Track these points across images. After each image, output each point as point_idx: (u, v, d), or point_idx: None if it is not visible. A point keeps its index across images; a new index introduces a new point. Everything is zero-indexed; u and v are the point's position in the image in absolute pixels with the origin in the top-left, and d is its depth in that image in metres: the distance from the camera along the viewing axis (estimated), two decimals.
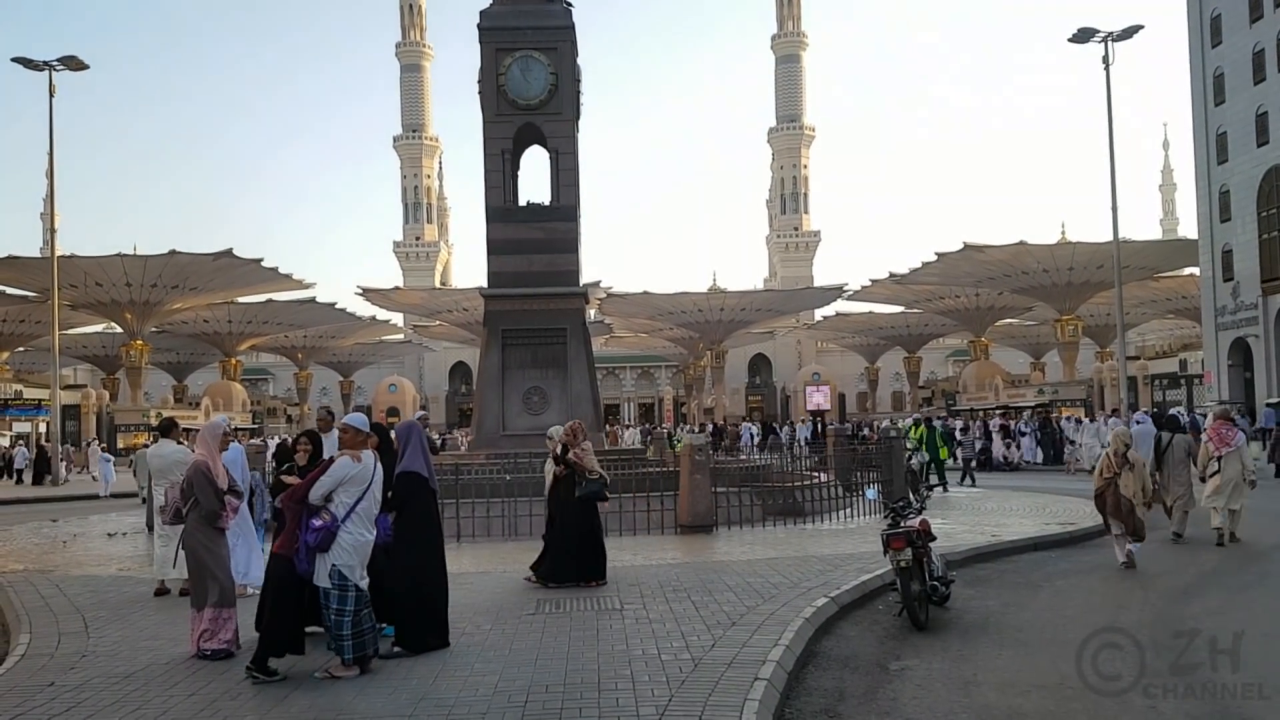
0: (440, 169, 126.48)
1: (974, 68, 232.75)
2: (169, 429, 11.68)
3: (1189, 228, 69.89)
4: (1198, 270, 50.92)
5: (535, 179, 20.96)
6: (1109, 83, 36.76)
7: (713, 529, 15.07)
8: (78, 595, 11.10)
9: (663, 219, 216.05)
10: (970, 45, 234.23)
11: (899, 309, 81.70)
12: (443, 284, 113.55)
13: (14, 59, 35.33)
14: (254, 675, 7.23)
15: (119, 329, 66.57)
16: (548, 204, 19.87)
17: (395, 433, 8.33)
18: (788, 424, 53.65)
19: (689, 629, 8.50)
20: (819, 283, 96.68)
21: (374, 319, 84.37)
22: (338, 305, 75.02)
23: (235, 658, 7.88)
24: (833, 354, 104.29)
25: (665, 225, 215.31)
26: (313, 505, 7.25)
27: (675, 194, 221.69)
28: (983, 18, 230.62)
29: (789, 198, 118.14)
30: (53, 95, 36.27)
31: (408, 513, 8.03)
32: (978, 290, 69.74)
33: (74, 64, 35.69)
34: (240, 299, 69.58)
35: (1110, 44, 36.06)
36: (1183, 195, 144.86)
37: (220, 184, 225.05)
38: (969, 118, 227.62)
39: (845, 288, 77.27)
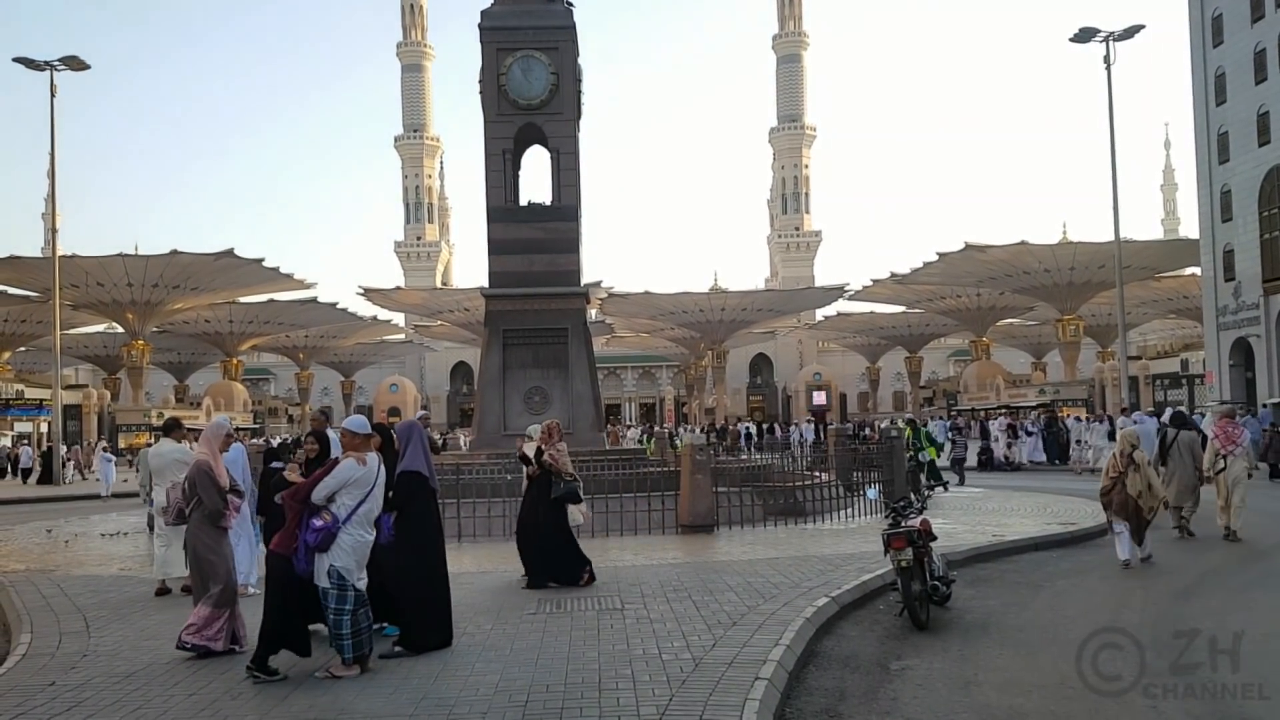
0: (441, 169, 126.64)
1: (975, 67, 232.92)
2: (172, 428, 11.66)
3: (1190, 227, 70.02)
4: (1199, 270, 50.90)
5: (536, 179, 21.05)
6: (1110, 82, 36.80)
7: (714, 529, 15.07)
8: (79, 595, 11.11)
9: (664, 219, 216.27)
10: (971, 45, 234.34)
11: (900, 309, 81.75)
12: (444, 284, 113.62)
13: (15, 59, 35.35)
14: (254, 675, 7.24)
15: (120, 329, 66.67)
16: (549, 204, 19.88)
17: (396, 432, 8.33)
18: (795, 424, 53.66)
19: (690, 629, 8.50)
20: (820, 283, 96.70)
21: (375, 319, 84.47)
22: (339, 305, 75.13)
23: (236, 656, 7.89)
24: (834, 354, 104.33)
25: (666, 225, 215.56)
26: (314, 505, 7.25)
27: (676, 194, 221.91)
28: (984, 18, 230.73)
29: (790, 197, 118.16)
30: (54, 95, 36.31)
31: (409, 513, 8.03)
32: (979, 290, 69.78)
33: (75, 64, 35.71)
34: (241, 299, 69.65)
35: (1111, 44, 36.06)
36: (1184, 195, 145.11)
37: (221, 184, 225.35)
38: (970, 117, 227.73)
39: (846, 288, 77.35)
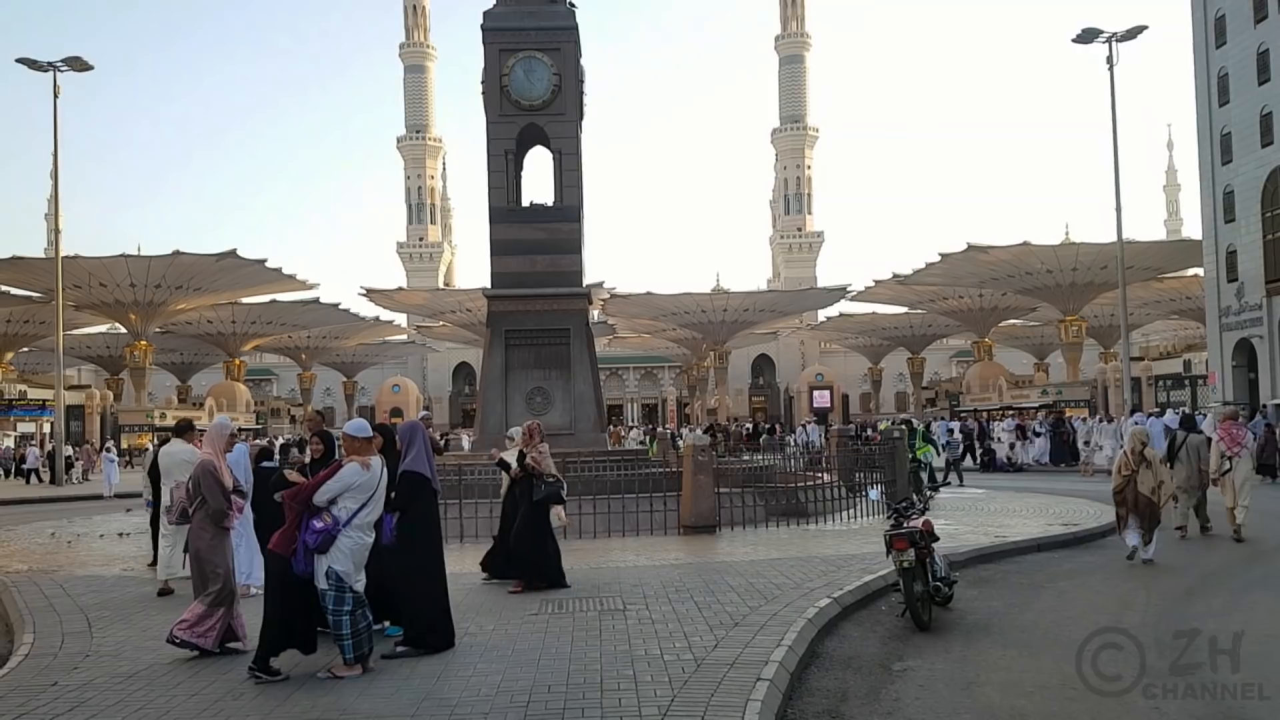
0: (444, 170, 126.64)
1: (978, 68, 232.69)
2: (184, 430, 11.69)
3: (1193, 228, 70.06)
4: (1202, 271, 50.83)
5: (539, 180, 20.97)
6: (1113, 83, 36.73)
7: (716, 530, 15.07)
8: (81, 595, 11.13)
9: (666, 220, 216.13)
10: (974, 45, 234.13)
11: (902, 310, 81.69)
12: (446, 285, 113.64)
13: (18, 60, 35.37)
14: (256, 675, 7.25)
15: (123, 329, 66.71)
16: (551, 205, 19.88)
17: (398, 433, 8.33)
18: (802, 425, 53.56)
19: (691, 629, 8.50)
20: (822, 283, 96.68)
21: (377, 320, 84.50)
22: (341, 306, 75.14)
23: (238, 656, 7.90)
24: (836, 355, 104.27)
25: (668, 226, 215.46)
26: (315, 506, 7.26)
27: (678, 194, 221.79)
28: (986, 18, 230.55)
29: (792, 198, 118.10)
30: (57, 96, 36.34)
31: (412, 513, 8.03)
32: (981, 291, 69.71)
33: (78, 65, 35.74)
34: (244, 299, 69.68)
35: (1114, 44, 36.02)
36: (1187, 196, 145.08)
37: (224, 185, 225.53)
38: (973, 118, 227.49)
39: (848, 288, 77.30)
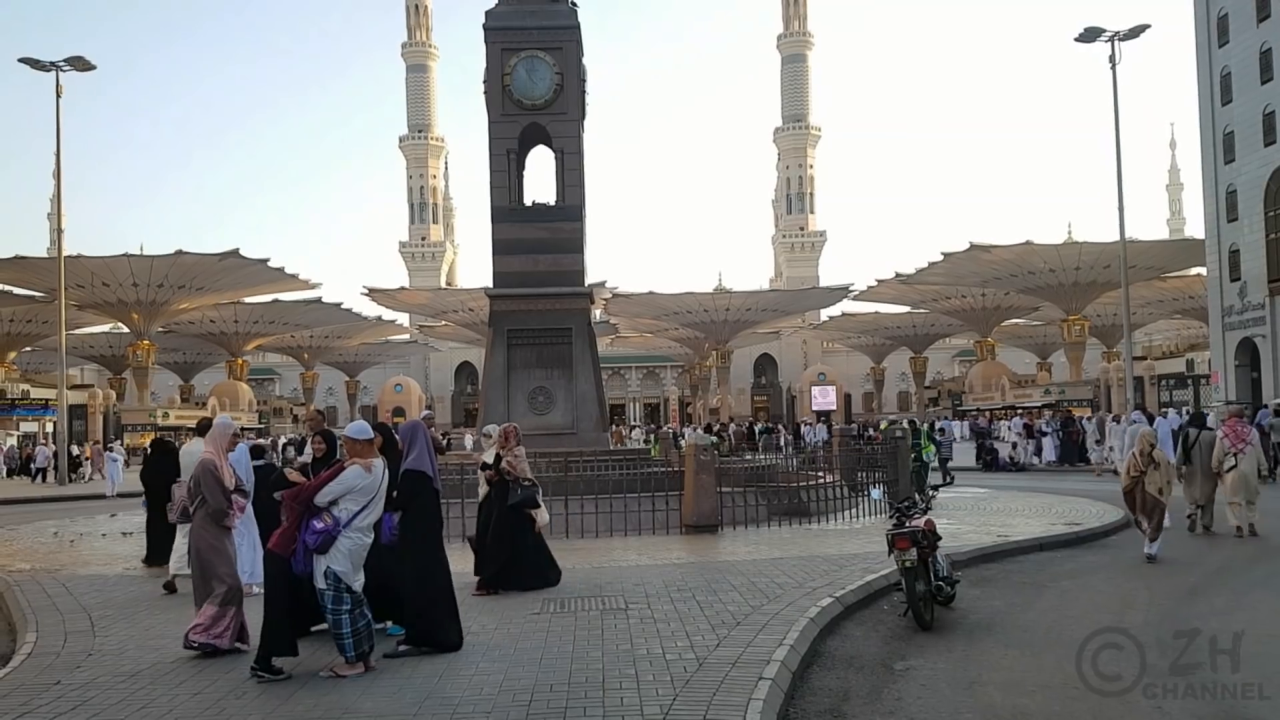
0: (446, 169, 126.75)
1: (980, 67, 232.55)
2: (205, 429, 11.73)
3: (1196, 227, 69.93)
4: (1204, 270, 50.83)
5: (541, 179, 20.98)
6: (1115, 82, 36.66)
7: (718, 529, 15.06)
8: (84, 594, 11.14)
9: (668, 219, 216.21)
10: (976, 44, 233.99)
11: (905, 309, 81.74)
12: (448, 284, 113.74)
13: (21, 59, 35.36)
14: (258, 674, 7.25)
15: (126, 329, 66.83)
16: (553, 204, 19.88)
17: (400, 433, 8.34)
18: (809, 425, 53.58)
19: (694, 628, 8.50)
20: (824, 283, 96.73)
21: (380, 319, 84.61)
22: (343, 305, 75.29)
23: (240, 655, 7.90)
24: (838, 354, 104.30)
25: (670, 225, 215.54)
26: (315, 507, 7.26)
27: (681, 194, 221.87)
28: (989, 17, 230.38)
29: (794, 197, 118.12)
30: (59, 96, 36.36)
31: (414, 512, 8.03)
32: (984, 290, 69.75)
33: (81, 65, 35.74)
34: (246, 299, 69.80)
35: (1117, 43, 35.94)
36: (1190, 195, 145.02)
37: (226, 184, 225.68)
38: (975, 117, 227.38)
39: (851, 288, 77.37)
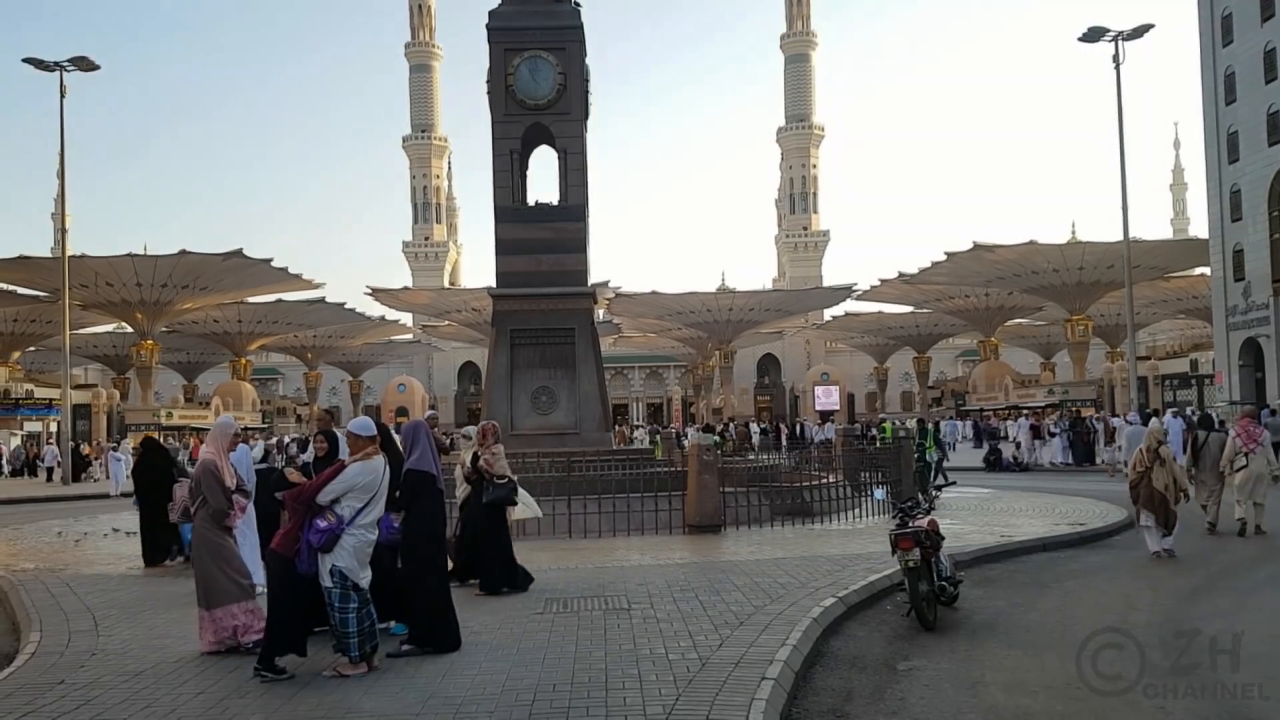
0: (449, 169, 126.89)
1: (983, 67, 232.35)
2: None
3: (1200, 227, 69.85)
4: (1208, 270, 50.74)
5: (544, 179, 20.98)
6: (1119, 82, 36.63)
7: (721, 529, 15.05)
8: (88, 594, 11.15)
9: (671, 219, 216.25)
10: (979, 44, 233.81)
11: (908, 309, 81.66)
12: (451, 284, 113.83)
13: (25, 59, 35.42)
14: (261, 674, 7.26)
15: (129, 329, 66.91)
16: (556, 204, 19.88)
17: (403, 432, 8.34)
18: (817, 424, 53.41)
19: (696, 628, 8.50)
20: (828, 283, 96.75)
21: (383, 319, 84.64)
22: (347, 305, 75.30)
23: (243, 655, 7.91)
24: (841, 354, 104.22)
25: (674, 225, 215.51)
26: (318, 506, 7.27)
27: (684, 194, 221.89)
28: (992, 17, 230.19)
29: (798, 197, 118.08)
30: (64, 96, 36.38)
31: (416, 511, 8.03)
32: (987, 290, 69.67)
33: (85, 65, 35.79)
34: (250, 299, 69.84)
35: (1120, 43, 35.92)
36: (1194, 195, 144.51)
37: (230, 184, 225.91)
38: (979, 117, 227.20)
39: (854, 288, 77.30)
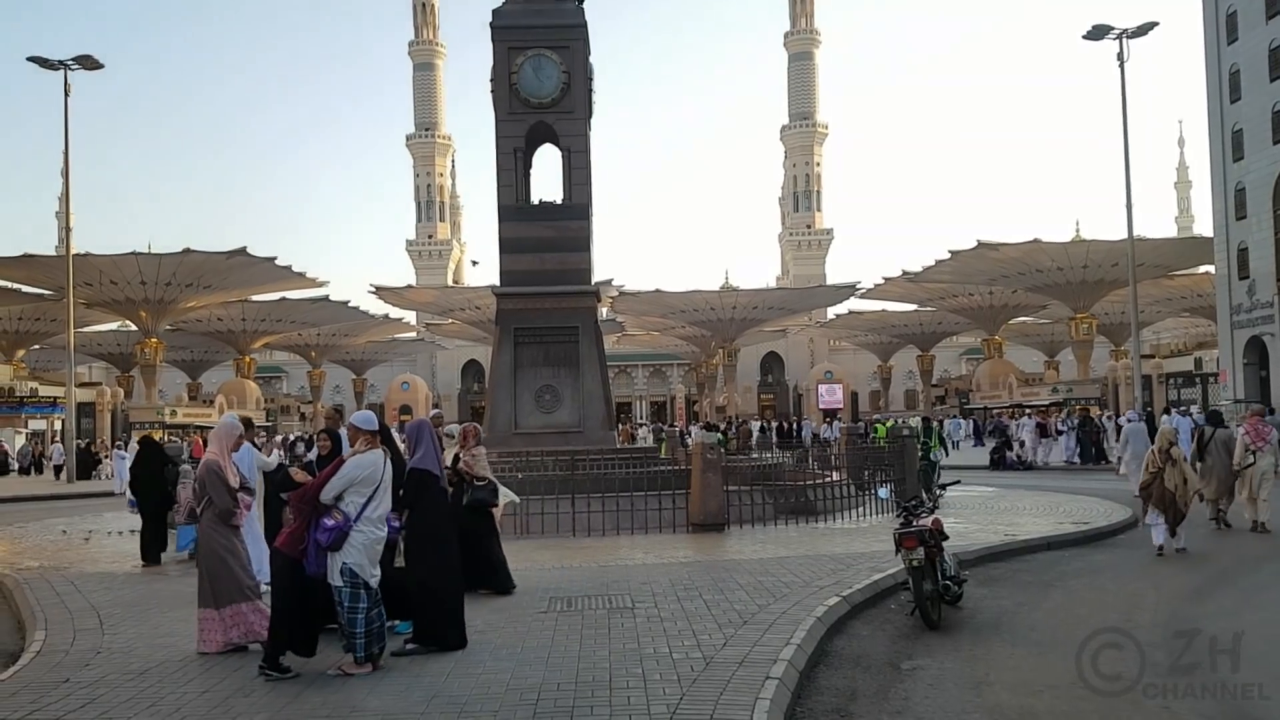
0: (453, 167, 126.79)
1: (988, 65, 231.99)
2: (245, 428, 11.87)
3: (1204, 225, 69.58)
4: (1213, 268, 50.66)
5: (548, 177, 21.03)
6: (1124, 80, 36.58)
7: (724, 527, 15.05)
8: (93, 592, 11.18)
9: (675, 217, 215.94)
10: (984, 42, 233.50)
11: (912, 307, 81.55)
12: (455, 282, 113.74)
13: (29, 58, 35.49)
14: (266, 673, 7.27)
15: (134, 327, 67.00)
16: (560, 202, 19.89)
17: (406, 431, 8.35)
18: (824, 422, 53.39)
19: (700, 627, 8.50)
20: (831, 281, 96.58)
21: (387, 317, 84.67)
22: (351, 303, 75.34)
23: (248, 654, 7.93)
24: (845, 352, 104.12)
25: (677, 223, 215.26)
26: (324, 505, 7.28)
27: (687, 192, 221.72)
28: (997, 15, 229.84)
29: (801, 195, 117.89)
30: (68, 94, 36.44)
31: (420, 510, 8.04)
32: (991, 288, 69.54)
33: (89, 63, 35.85)
34: (254, 297, 69.87)
35: (1125, 41, 35.88)
36: (1198, 193, 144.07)
37: (234, 182, 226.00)
38: (983, 115, 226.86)
39: (858, 286, 77.18)
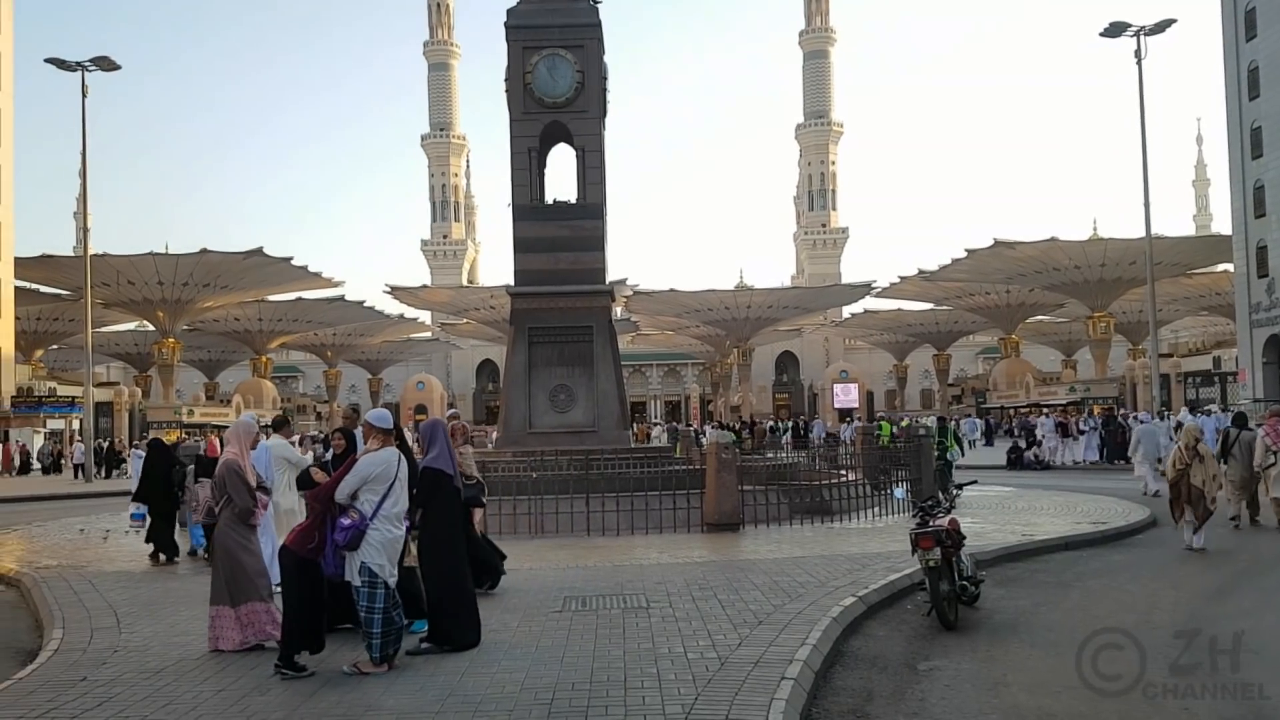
0: (468, 167, 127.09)
1: (1003, 63, 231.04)
2: (280, 425, 12.05)
3: (1223, 223, 69.23)
4: (1231, 266, 50.29)
5: (562, 177, 21.02)
6: (1141, 77, 36.37)
7: (739, 527, 15.02)
8: (110, 591, 11.23)
9: (689, 216, 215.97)
10: (1000, 40, 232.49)
11: (928, 306, 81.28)
12: (470, 282, 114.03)
13: (47, 60, 35.72)
14: (282, 671, 7.27)
15: (151, 327, 67.45)
16: (574, 202, 19.87)
17: (421, 430, 8.36)
18: (846, 420, 53.10)
19: (715, 627, 8.47)
20: (847, 280, 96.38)
21: (402, 317, 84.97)
22: (366, 303, 75.64)
23: (263, 651, 7.95)
24: (860, 351, 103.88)
25: (692, 223, 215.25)
26: (340, 504, 7.28)
27: (702, 191, 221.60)
28: (1013, 12, 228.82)
29: (816, 194, 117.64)
30: (85, 96, 36.67)
31: (433, 510, 8.04)
32: (1008, 287, 69.25)
33: (106, 65, 36.06)
34: (270, 297, 70.24)
35: (1143, 38, 35.68)
36: (1216, 191, 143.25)
37: (250, 183, 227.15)
38: (999, 113, 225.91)
39: (873, 285, 76.99)
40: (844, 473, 18.06)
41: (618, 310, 57.09)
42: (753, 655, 7.48)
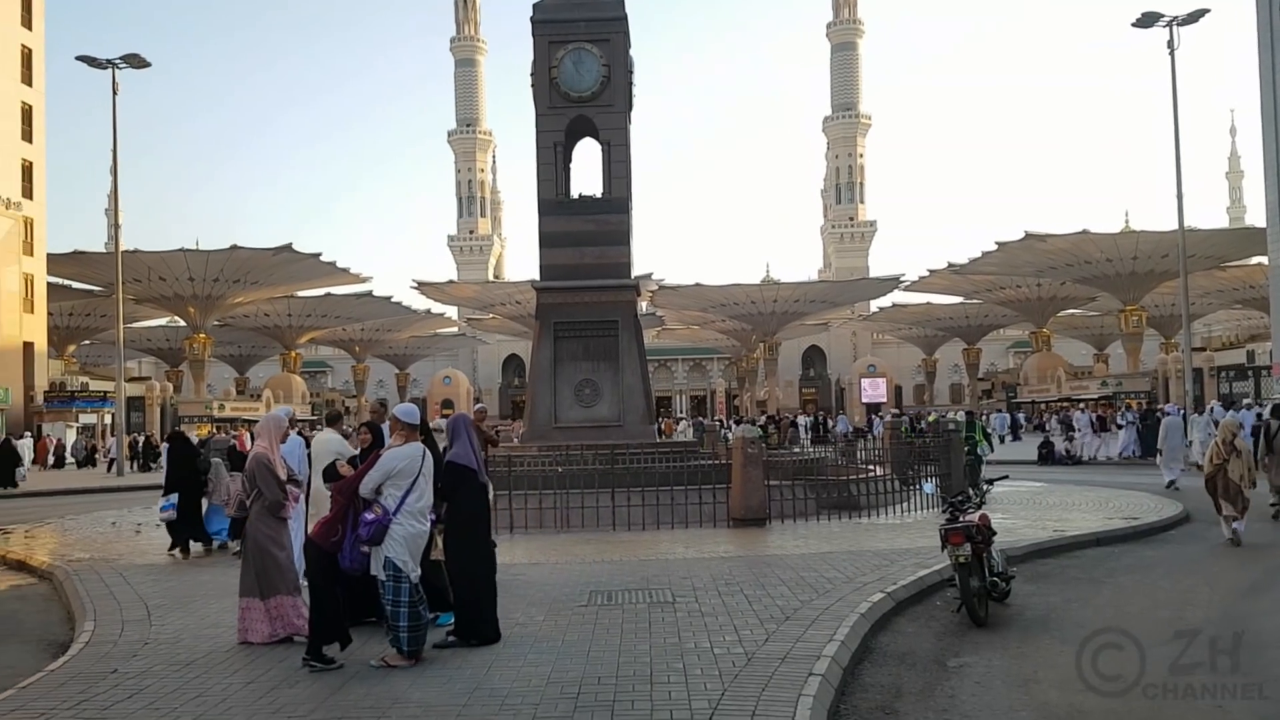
0: (494, 163, 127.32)
1: (1034, 53, 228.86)
2: (334, 419, 12.04)
3: (1257, 215, 68.24)
4: (1266, 259, 49.55)
5: (587, 171, 20.94)
6: (1174, 68, 35.85)
7: (765, 522, 14.96)
8: (141, 583, 11.33)
9: (715, 210, 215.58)
10: (1030, 30, 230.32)
11: (958, 300, 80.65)
12: (496, 277, 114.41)
13: (78, 57, 36.02)
14: (310, 664, 7.31)
15: (182, 322, 68.04)
16: (599, 196, 19.84)
17: (445, 425, 8.36)
18: (878, 414, 52.63)
19: (742, 623, 8.44)
20: (875, 273, 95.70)
21: (429, 312, 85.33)
22: (394, 299, 75.95)
23: (292, 644, 7.99)
24: (889, 345, 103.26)
25: (718, 216, 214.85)
26: (364, 499, 7.30)
27: (728, 184, 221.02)
28: (1041, 4, 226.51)
29: (844, 187, 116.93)
30: (116, 93, 36.95)
31: (456, 504, 8.04)
32: (1039, 280, 68.58)
33: (136, 62, 36.33)
34: (300, 293, 70.68)
35: (1175, 28, 35.15)
36: (1250, 182, 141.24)
37: (279, 179, 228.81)
38: (1029, 105, 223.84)
39: (902, 278, 76.46)
40: (872, 468, 17.96)
41: (643, 305, 57.05)
42: (780, 651, 7.43)
